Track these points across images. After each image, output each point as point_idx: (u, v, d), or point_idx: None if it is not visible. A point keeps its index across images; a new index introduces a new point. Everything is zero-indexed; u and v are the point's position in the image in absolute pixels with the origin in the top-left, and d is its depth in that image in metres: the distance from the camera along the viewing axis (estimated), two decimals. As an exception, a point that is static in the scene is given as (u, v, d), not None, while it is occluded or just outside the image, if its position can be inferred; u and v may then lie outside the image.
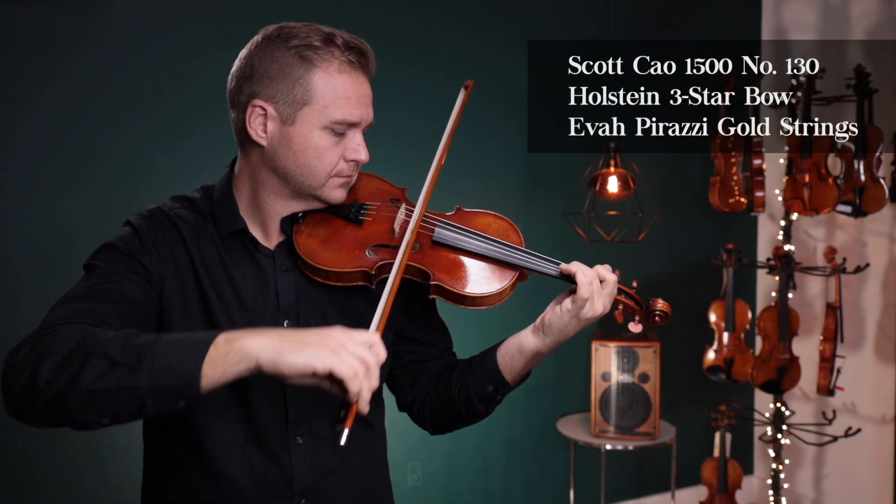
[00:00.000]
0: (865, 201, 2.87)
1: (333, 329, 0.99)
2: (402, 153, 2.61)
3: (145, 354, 0.96)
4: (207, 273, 1.22)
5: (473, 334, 1.99)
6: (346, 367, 0.95)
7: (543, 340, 1.27)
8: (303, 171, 1.20)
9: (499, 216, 1.33)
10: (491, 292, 1.23)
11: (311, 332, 0.98)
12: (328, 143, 1.20)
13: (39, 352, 0.99)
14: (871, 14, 3.30)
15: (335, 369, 0.94)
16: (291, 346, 0.95)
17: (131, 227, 1.22)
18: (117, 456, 2.61)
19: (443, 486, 3.27)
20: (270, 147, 1.21)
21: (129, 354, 0.96)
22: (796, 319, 3.13)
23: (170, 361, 0.95)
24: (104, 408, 0.96)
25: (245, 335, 0.97)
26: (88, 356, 0.96)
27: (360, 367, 0.96)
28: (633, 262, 3.49)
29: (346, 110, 1.19)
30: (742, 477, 3.30)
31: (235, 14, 2.74)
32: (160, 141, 2.70)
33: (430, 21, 3.10)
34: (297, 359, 0.94)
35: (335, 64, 1.18)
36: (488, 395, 1.32)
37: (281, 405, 1.23)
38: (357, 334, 1.00)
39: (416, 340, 1.39)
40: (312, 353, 0.95)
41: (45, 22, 2.53)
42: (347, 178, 1.24)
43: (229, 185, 1.28)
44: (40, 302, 2.60)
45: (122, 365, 0.95)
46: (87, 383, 0.95)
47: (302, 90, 1.18)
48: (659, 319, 1.28)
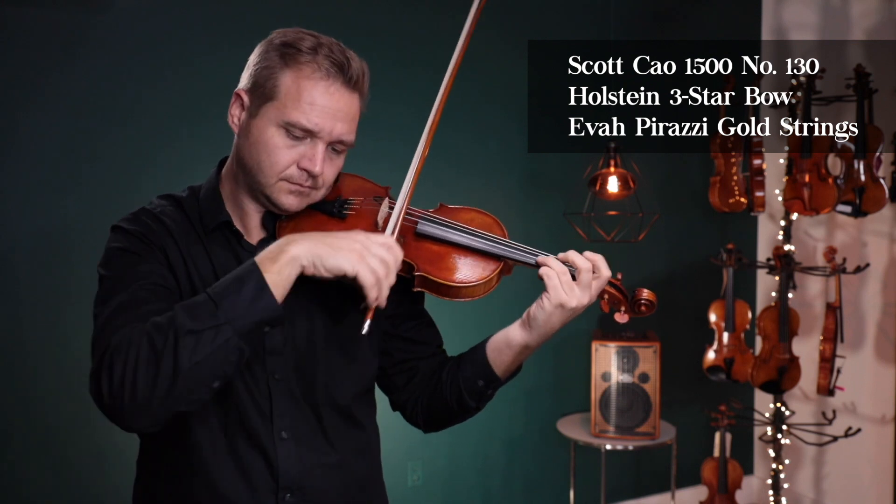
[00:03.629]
0: (865, 201, 2.87)
1: (357, 234, 1.12)
2: (403, 153, 2.60)
3: (216, 311, 1.03)
4: (196, 269, 1.24)
5: (469, 332, 1.99)
6: (369, 272, 1.09)
7: (530, 334, 1.27)
8: (254, 165, 1.22)
9: (482, 211, 1.33)
10: (475, 282, 1.23)
11: (339, 236, 1.11)
12: (280, 143, 1.20)
13: (123, 367, 1.02)
14: (871, 14, 3.30)
15: (361, 276, 1.09)
16: (327, 250, 1.08)
17: (123, 230, 1.23)
18: (117, 456, 2.61)
19: (443, 486, 3.27)
20: (238, 136, 1.25)
21: (203, 318, 1.03)
22: (796, 319, 3.13)
23: (242, 303, 1.04)
24: (210, 374, 1.04)
25: (283, 246, 1.08)
26: (172, 340, 1.02)
27: (381, 270, 1.10)
28: (633, 262, 3.49)
29: (302, 115, 1.19)
30: (742, 477, 3.30)
31: (236, 14, 2.74)
32: (160, 141, 2.70)
33: (430, 21, 3.10)
34: (331, 261, 1.08)
35: (308, 69, 1.20)
36: (479, 391, 1.33)
37: (266, 399, 1.23)
38: (376, 237, 1.13)
39: (408, 339, 1.40)
40: (344, 258, 1.08)
41: (45, 22, 2.53)
42: (298, 186, 1.23)
43: (216, 181, 1.31)
44: (40, 302, 2.61)
45: (205, 329, 1.03)
46: (188, 361, 1.02)
47: (271, 85, 1.20)
48: (645, 309, 1.28)
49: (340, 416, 1.30)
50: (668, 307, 3.66)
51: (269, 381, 1.23)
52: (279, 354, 1.24)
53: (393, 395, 1.44)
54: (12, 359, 2.56)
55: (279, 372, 1.24)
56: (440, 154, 3.16)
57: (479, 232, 1.27)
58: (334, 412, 1.29)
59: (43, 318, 2.59)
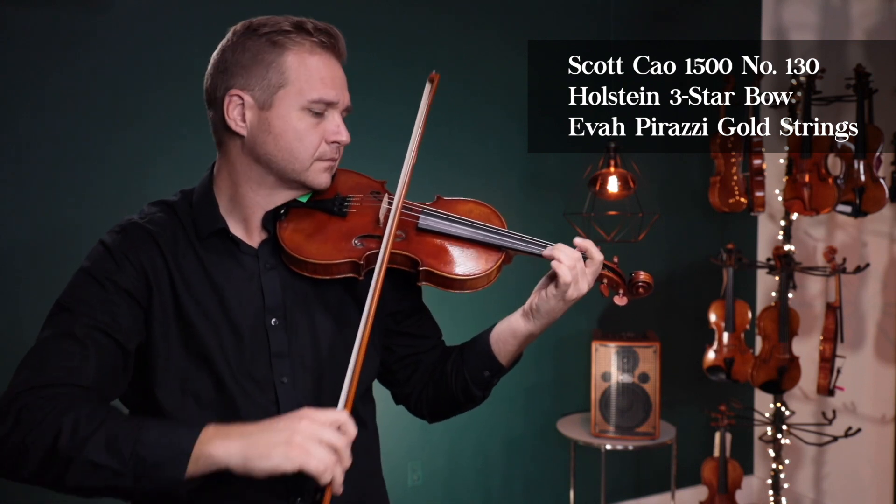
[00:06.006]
0: (865, 201, 2.87)
1: (301, 419, 1.01)
2: (403, 153, 2.60)
3: (128, 458, 0.99)
4: (183, 280, 1.21)
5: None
6: (316, 461, 0.98)
7: (534, 323, 1.30)
8: (285, 154, 1.21)
9: (480, 202, 1.34)
10: (479, 274, 1.25)
11: (278, 428, 1.00)
12: (307, 125, 1.21)
13: (20, 440, 1.01)
14: (871, 14, 3.30)
15: (306, 468, 0.98)
16: (259, 451, 0.98)
17: (103, 246, 1.21)
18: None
19: (443, 486, 3.27)
20: (251, 135, 1.21)
21: (113, 456, 0.99)
22: (796, 319, 3.13)
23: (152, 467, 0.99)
24: (91, 496, 1.02)
25: (213, 440, 0.99)
26: (71, 458, 0.99)
27: (330, 459, 0.99)
28: (633, 262, 3.49)
29: (321, 90, 1.20)
30: (742, 477, 3.30)
31: (236, 14, 2.74)
32: (160, 141, 2.70)
33: (430, 21, 3.10)
34: (265, 464, 0.97)
35: (307, 45, 1.20)
36: (485, 380, 1.35)
37: (273, 403, 1.22)
38: (325, 416, 1.02)
39: (409, 335, 1.40)
40: (280, 456, 0.97)
41: (45, 22, 2.53)
42: (331, 160, 1.25)
43: (210, 186, 1.28)
44: (40, 302, 2.60)
45: (107, 468, 0.99)
46: (74, 483, 1.00)
47: (276, 73, 1.19)
48: (643, 290, 1.31)
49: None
50: (668, 307, 3.66)
51: (276, 384, 1.22)
52: (285, 357, 1.23)
53: (396, 389, 1.45)
54: (12, 359, 2.56)
55: (286, 375, 1.23)
56: (440, 154, 3.17)
57: (480, 224, 1.28)
58: None
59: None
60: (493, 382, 1.37)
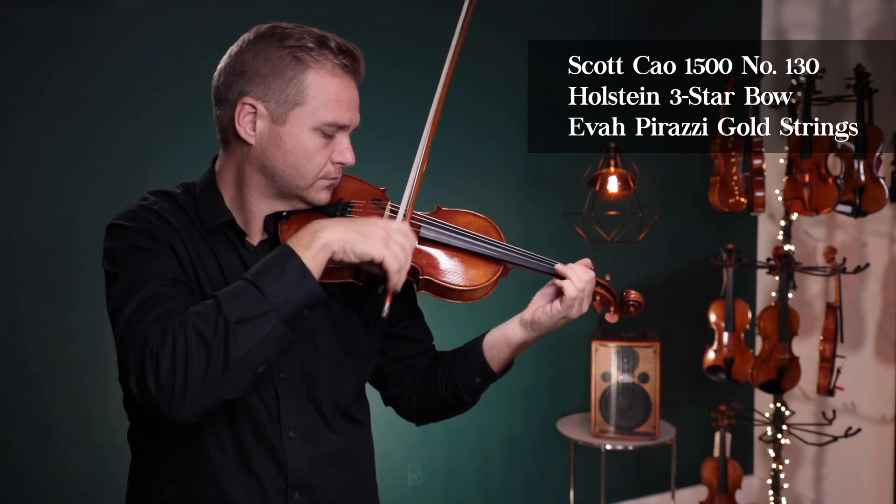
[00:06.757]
0: (865, 201, 2.87)
1: (376, 218, 1.16)
2: (404, 153, 2.60)
3: (262, 298, 1.04)
4: (204, 268, 1.22)
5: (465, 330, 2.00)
6: (393, 258, 1.11)
7: (531, 334, 1.33)
8: (291, 171, 1.21)
9: (478, 215, 1.35)
10: (478, 286, 1.27)
11: (364, 223, 1.12)
12: (318, 145, 1.20)
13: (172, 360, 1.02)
14: (871, 14, 3.30)
15: (386, 261, 1.10)
16: (356, 237, 1.10)
17: (126, 230, 1.19)
18: (116, 456, 2.61)
19: (443, 486, 3.27)
20: (259, 146, 1.21)
21: (250, 306, 1.04)
22: (796, 319, 3.13)
23: (286, 288, 1.05)
24: (258, 361, 1.05)
25: (315, 233, 1.09)
26: (223, 328, 1.02)
27: (402, 256, 1.12)
28: (633, 262, 3.49)
29: (336, 113, 1.20)
30: (742, 477, 3.30)
31: (236, 14, 2.74)
32: (161, 141, 2.70)
33: (430, 21, 3.10)
34: (362, 248, 1.09)
35: (328, 66, 1.20)
36: (476, 386, 1.38)
37: (273, 398, 1.23)
38: (394, 224, 1.14)
39: (405, 338, 1.42)
40: (372, 244, 1.10)
41: (45, 22, 2.53)
42: (333, 180, 1.25)
43: (213, 179, 1.27)
44: (40, 301, 2.61)
45: (253, 318, 1.04)
46: (240, 350, 1.03)
47: (295, 90, 1.18)
48: (633, 309, 1.35)
49: (341, 415, 1.31)
50: (668, 307, 3.66)
51: (275, 380, 1.23)
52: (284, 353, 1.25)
53: (386, 391, 1.46)
54: (12, 359, 2.56)
55: (284, 371, 1.24)
56: (440, 154, 3.15)
57: (480, 237, 1.29)
58: (336, 411, 1.30)
59: (43, 319, 2.59)
60: (483, 388, 1.39)
